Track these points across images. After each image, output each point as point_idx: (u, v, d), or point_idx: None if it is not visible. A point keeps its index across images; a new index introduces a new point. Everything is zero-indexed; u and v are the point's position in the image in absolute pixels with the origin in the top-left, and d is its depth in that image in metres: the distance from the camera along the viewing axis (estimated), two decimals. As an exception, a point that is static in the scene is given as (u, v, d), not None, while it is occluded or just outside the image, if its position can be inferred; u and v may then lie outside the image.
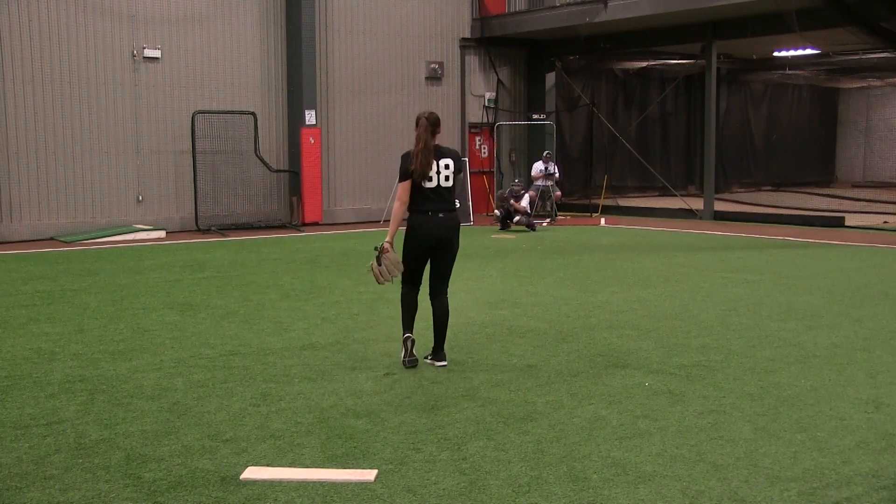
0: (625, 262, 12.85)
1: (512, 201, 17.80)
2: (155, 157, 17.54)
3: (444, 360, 6.77)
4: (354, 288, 10.46)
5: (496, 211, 18.35)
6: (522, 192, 18.10)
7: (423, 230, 6.60)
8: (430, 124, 6.66)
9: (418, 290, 6.78)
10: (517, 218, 17.76)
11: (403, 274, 6.71)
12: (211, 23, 18.00)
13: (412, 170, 6.57)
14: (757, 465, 4.69)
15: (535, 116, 21.98)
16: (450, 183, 6.64)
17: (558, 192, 19.94)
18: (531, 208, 18.30)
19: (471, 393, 6.05)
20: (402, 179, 6.64)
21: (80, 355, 7.12)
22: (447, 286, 6.79)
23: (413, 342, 6.72)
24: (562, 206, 20.87)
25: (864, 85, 29.32)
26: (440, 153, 6.67)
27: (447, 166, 6.63)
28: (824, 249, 14.41)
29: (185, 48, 17.72)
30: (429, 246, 6.62)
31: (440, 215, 6.58)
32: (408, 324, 6.75)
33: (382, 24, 20.12)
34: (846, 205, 22.79)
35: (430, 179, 6.55)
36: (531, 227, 17.70)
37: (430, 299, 6.75)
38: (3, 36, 15.81)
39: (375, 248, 6.72)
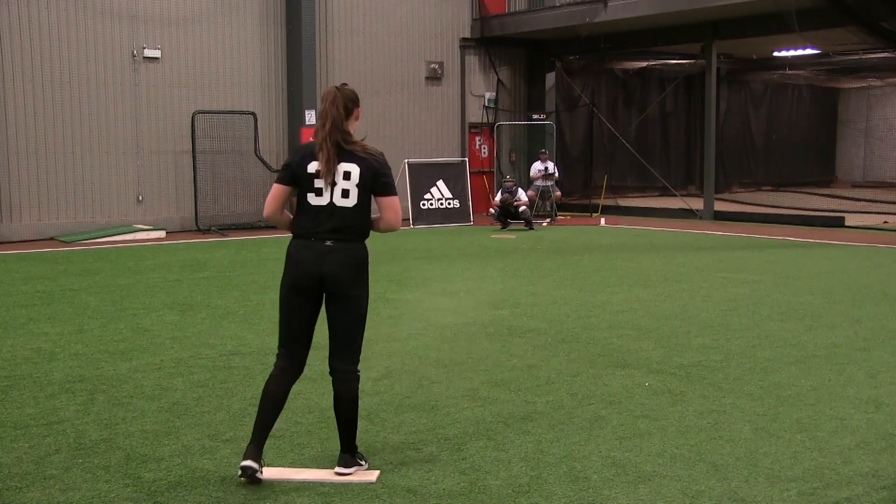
0: (625, 262, 12.85)
1: (507, 197, 17.77)
2: (155, 157, 17.53)
3: (352, 468, 4.55)
4: (354, 288, 10.45)
5: (491, 210, 18.35)
6: (515, 188, 18.06)
7: (297, 261, 4.49)
8: (343, 97, 4.55)
9: (298, 363, 4.65)
10: (522, 209, 17.75)
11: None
12: (211, 23, 18.00)
13: (299, 172, 4.49)
14: (757, 465, 4.69)
15: (535, 116, 21.97)
16: (350, 201, 4.43)
17: (558, 192, 19.94)
18: (532, 207, 18.34)
19: (471, 393, 6.05)
20: (278, 180, 4.59)
21: (80, 355, 7.12)
22: (353, 358, 4.69)
23: (252, 469, 4.37)
24: (562, 206, 20.86)
25: (864, 85, 29.30)
26: (345, 156, 4.45)
27: (347, 175, 4.43)
28: (824, 249, 14.41)
29: (185, 48, 17.72)
30: (308, 287, 4.49)
31: (328, 243, 4.44)
32: (258, 424, 4.50)
33: (382, 25, 20.12)
34: (846, 205, 22.78)
35: (318, 193, 4.44)
36: (529, 223, 17.66)
37: (330, 375, 4.70)
38: (3, 36, 15.80)
39: None
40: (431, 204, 19.40)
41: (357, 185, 4.42)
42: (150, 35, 17.28)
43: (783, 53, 23.73)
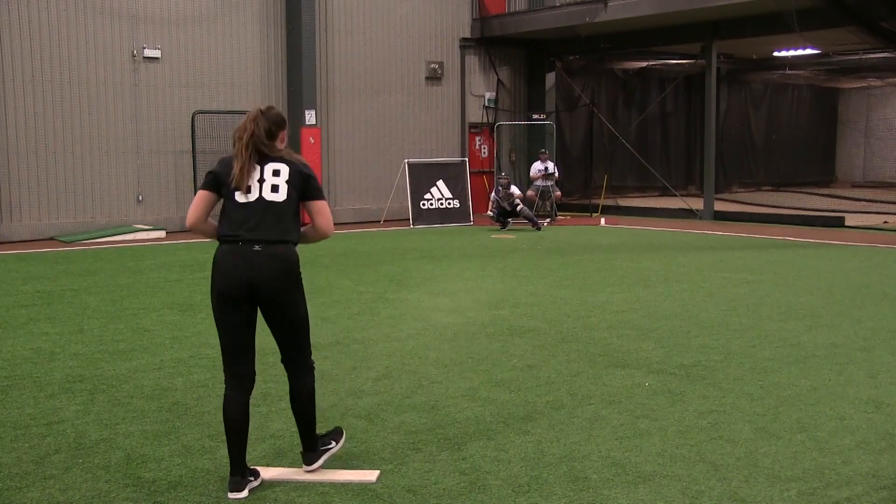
0: (625, 262, 12.85)
1: (502, 194, 17.72)
2: (155, 157, 17.53)
3: (318, 461, 4.55)
4: (354, 288, 10.46)
5: (489, 212, 18.26)
6: (509, 182, 17.97)
7: (224, 269, 4.28)
8: (267, 119, 4.39)
9: (246, 378, 4.41)
10: (519, 208, 17.67)
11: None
12: (211, 23, 18.00)
13: (223, 176, 4.35)
14: (757, 465, 4.69)
15: (535, 116, 21.97)
16: (280, 196, 4.29)
17: (558, 192, 19.93)
18: (531, 207, 18.30)
19: (471, 393, 6.05)
20: (202, 187, 4.42)
21: (80, 355, 7.12)
22: (304, 354, 4.51)
23: (240, 482, 4.31)
24: (562, 206, 20.86)
25: (864, 85, 29.30)
26: (271, 158, 4.35)
27: (277, 172, 4.32)
28: (824, 249, 14.41)
29: (185, 48, 17.72)
30: (237, 295, 4.25)
31: (257, 247, 4.25)
32: (232, 449, 4.35)
33: (382, 24, 20.12)
34: (846, 205, 22.77)
35: (248, 190, 4.27)
36: (533, 222, 17.55)
37: (286, 371, 4.59)
38: (3, 36, 15.80)
39: None
40: (431, 204, 19.41)
41: (287, 182, 4.29)
42: (150, 35, 17.28)
43: (783, 53, 23.72)
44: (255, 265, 4.21)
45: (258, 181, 4.27)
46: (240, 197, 4.26)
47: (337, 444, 4.69)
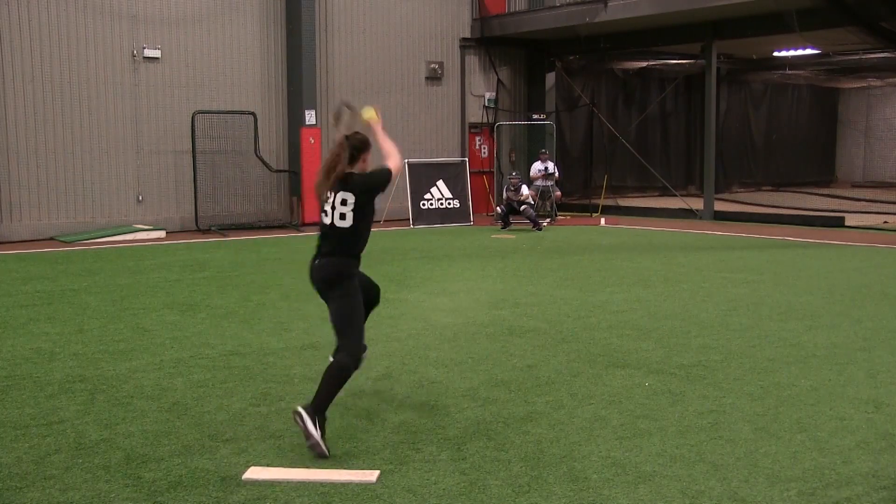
0: (625, 262, 12.85)
1: (511, 195, 17.72)
2: (155, 157, 17.53)
3: (310, 418, 4.85)
4: (354, 288, 10.44)
5: (497, 209, 18.21)
6: (520, 183, 17.98)
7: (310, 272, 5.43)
8: (351, 146, 5.37)
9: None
10: (523, 207, 17.66)
11: None
12: (211, 23, 18.00)
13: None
14: (757, 465, 4.69)
15: (535, 116, 21.97)
16: (346, 223, 5.20)
17: (558, 192, 19.92)
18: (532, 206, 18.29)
19: (471, 393, 6.05)
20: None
21: (80, 355, 7.12)
22: (342, 341, 5.17)
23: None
24: (562, 206, 20.86)
25: (864, 85, 29.30)
26: (343, 188, 5.23)
27: (344, 202, 5.21)
28: (824, 249, 14.41)
29: (185, 48, 17.72)
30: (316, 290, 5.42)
31: (317, 261, 5.30)
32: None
33: (382, 24, 20.12)
34: (846, 205, 22.78)
35: (326, 214, 5.26)
36: (535, 223, 17.54)
37: None
38: (3, 36, 15.80)
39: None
40: (431, 204, 19.40)
41: (352, 211, 5.20)
42: (150, 35, 17.28)
43: (783, 53, 23.73)
44: (315, 271, 5.28)
45: (331, 207, 5.22)
46: (323, 217, 5.26)
47: (320, 437, 4.82)
